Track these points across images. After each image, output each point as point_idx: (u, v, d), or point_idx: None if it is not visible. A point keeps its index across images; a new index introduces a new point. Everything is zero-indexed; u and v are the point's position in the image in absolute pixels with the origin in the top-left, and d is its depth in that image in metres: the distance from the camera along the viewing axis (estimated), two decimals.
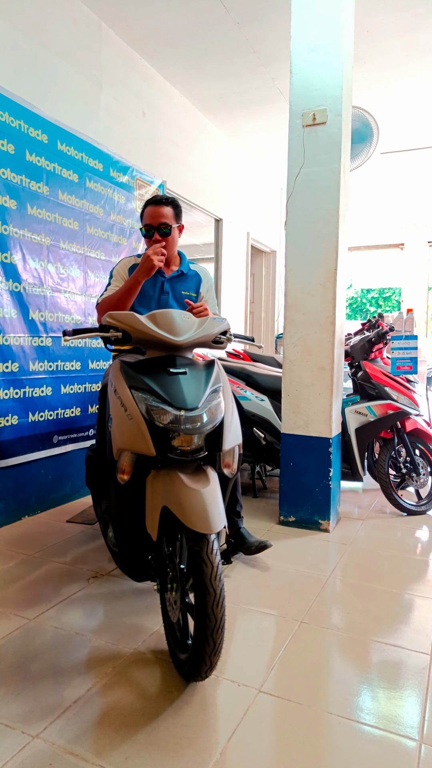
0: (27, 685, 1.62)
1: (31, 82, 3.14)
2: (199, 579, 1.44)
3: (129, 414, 1.58)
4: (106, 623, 1.99)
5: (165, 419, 1.54)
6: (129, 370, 1.68)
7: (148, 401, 1.57)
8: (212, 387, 1.65)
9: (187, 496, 1.47)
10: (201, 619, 1.44)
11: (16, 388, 3.05)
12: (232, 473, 1.71)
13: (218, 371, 1.76)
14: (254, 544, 2.51)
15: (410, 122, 5.18)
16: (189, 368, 1.67)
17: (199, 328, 1.72)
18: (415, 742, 1.43)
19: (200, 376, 1.67)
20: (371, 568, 2.53)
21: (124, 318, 1.67)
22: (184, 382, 1.61)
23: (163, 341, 1.65)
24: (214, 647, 1.46)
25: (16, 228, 3.01)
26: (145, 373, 1.65)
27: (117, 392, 1.65)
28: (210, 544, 1.46)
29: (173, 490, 1.51)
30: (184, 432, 1.53)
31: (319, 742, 1.42)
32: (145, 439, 1.54)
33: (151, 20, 3.66)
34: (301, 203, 2.99)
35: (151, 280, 2.36)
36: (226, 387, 1.73)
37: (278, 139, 5.51)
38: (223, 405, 1.64)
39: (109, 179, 3.75)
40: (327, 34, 2.87)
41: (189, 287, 2.45)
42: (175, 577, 1.63)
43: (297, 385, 3.05)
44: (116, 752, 1.37)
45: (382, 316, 3.75)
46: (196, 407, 1.56)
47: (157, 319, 1.68)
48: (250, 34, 3.79)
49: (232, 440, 1.65)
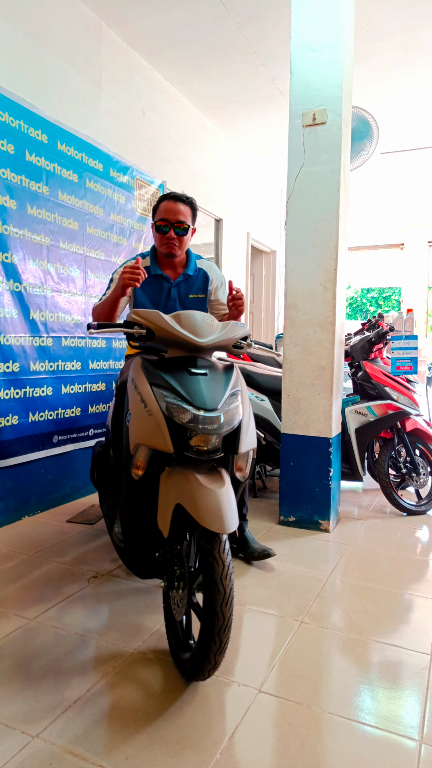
0: (27, 685, 1.62)
1: (31, 82, 3.14)
2: (210, 577, 1.45)
3: (149, 410, 1.59)
4: (106, 623, 1.99)
5: (184, 418, 1.55)
6: (150, 367, 1.70)
7: (169, 399, 1.58)
8: (231, 390, 1.67)
9: (202, 495, 1.48)
10: (209, 617, 1.45)
11: (16, 388, 3.05)
12: (244, 477, 1.73)
13: (237, 375, 1.77)
14: (257, 550, 2.51)
15: (410, 122, 5.18)
16: (209, 370, 1.69)
17: (222, 332, 1.74)
18: (415, 742, 1.43)
19: (220, 379, 1.68)
20: (371, 568, 2.53)
21: (150, 316, 1.69)
22: (204, 383, 1.63)
23: (186, 341, 1.67)
24: (220, 646, 1.47)
25: (16, 228, 3.01)
26: (166, 372, 1.67)
27: (137, 388, 1.66)
28: (222, 544, 1.47)
29: (188, 488, 1.52)
30: (201, 432, 1.54)
31: (319, 742, 1.42)
32: (164, 436, 1.56)
33: (151, 20, 3.66)
34: (301, 203, 2.99)
35: (157, 287, 2.31)
36: (244, 391, 1.74)
37: (278, 139, 5.51)
38: (241, 409, 1.66)
39: (109, 179, 3.75)
40: (327, 34, 2.87)
41: (197, 289, 2.38)
42: (182, 575, 1.64)
43: (297, 385, 3.05)
44: (117, 752, 1.37)
45: (382, 316, 3.75)
46: (215, 408, 1.57)
47: (182, 320, 1.70)
48: (250, 33, 3.79)
49: (248, 444, 1.67)
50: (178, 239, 2.25)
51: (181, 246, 2.28)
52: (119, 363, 3.90)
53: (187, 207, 2.26)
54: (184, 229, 2.25)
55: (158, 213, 2.28)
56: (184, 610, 1.65)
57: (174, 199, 2.25)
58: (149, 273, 2.31)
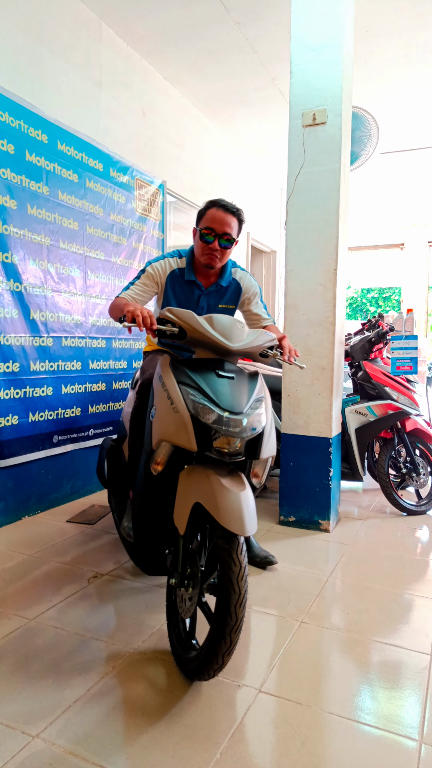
0: (27, 685, 1.62)
1: (30, 82, 3.14)
2: (226, 577, 1.46)
3: (175, 407, 1.60)
4: (106, 623, 1.99)
5: (210, 418, 1.56)
6: (178, 365, 1.72)
7: (195, 398, 1.60)
8: (256, 396, 1.69)
9: (224, 496, 1.50)
10: (222, 617, 1.46)
11: (16, 388, 3.05)
12: (260, 484, 1.74)
13: (262, 383, 1.79)
14: (260, 556, 2.51)
15: (410, 122, 5.18)
16: (236, 374, 1.71)
17: (251, 338, 1.76)
18: (415, 742, 1.43)
19: (246, 384, 1.70)
20: (371, 568, 2.53)
21: (184, 315, 1.71)
22: (231, 386, 1.64)
23: (217, 344, 1.69)
24: (230, 646, 1.48)
25: (16, 228, 3.01)
26: (194, 371, 1.68)
27: (165, 385, 1.68)
28: (240, 545, 1.49)
29: (209, 487, 1.53)
30: (225, 433, 1.56)
31: (319, 742, 1.42)
32: (189, 433, 1.57)
33: (151, 20, 3.66)
34: (301, 203, 2.99)
35: (187, 292, 2.24)
36: (267, 399, 1.76)
37: (278, 139, 5.51)
38: (265, 416, 1.67)
39: (108, 179, 3.75)
40: (327, 34, 2.87)
41: (227, 300, 2.30)
42: (194, 574, 1.64)
43: (297, 384, 3.05)
44: (117, 752, 1.37)
45: (382, 316, 3.75)
46: (240, 412, 1.59)
47: (214, 323, 1.72)
48: (250, 34, 3.79)
49: (268, 451, 1.68)
50: (221, 251, 2.14)
51: (222, 258, 2.17)
52: (119, 363, 3.90)
53: (235, 219, 2.15)
54: (230, 242, 2.14)
55: (205, 220, 2.13)
56: (192, 609, 1.65)
57: (224, 209, 2.12)
58: (182, 276, 2.23)
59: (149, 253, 4.22)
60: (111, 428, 3.82)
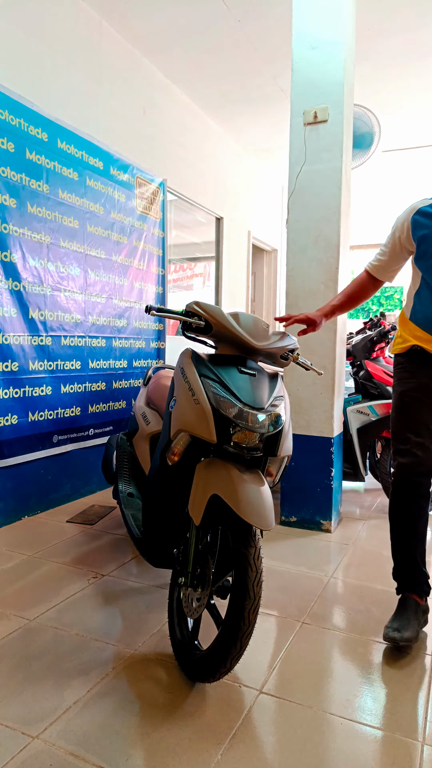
0: (27, 686, 1.62)
1: (31, 80, 3.13)
2: (243, 582, 1.46)
3: (196, 398, 1.60)
4: (106, 624, 1.98)
5: (231, 411, 1.57)
6: (201, 359, 1.72)
7: (217, 391, 1.60)
8: (276, 394, 1.69)
9: (244, 490, 1.49)
10: (235, 620, 1.45)
11: (15, 388, 3.04)
12: (273, 483, 1.74)
13: (281, 384, 1.80)
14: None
15: (412, 120, 5.16)
16: (258, 372, 1.71)
17: (275, 339, 1.77)
18: (416, 743, 1.42)
19: (266, 382, 1.71)
20: (373, 569, 2.52)
21: (212, 310, 1.71)
22: (253, 382, 1.65)
23: (243, 341, 1.69)
24: (240, 650, 1.48)
25: (15, 226, 3.00)
26: (216, 366, 1.69)
27: (186, 377, 1.68)
28: (257, 550, 1.50)
29: (228, 480, 1.53)
30: (245, 428, 1.56)
31: (320, 743, 1.41)
32: (209, 425, 1.57)
33: (151, 18, 3.64)
34: (303, 201, 2.98)
35: None
36: (286, 399, 1.77)
37: (279, 137, 5.49)
38: (284, 416, 1.68)
39: (109, 177, 3.74)
40: (328, 32, 2.86)
41: None
42: (204, 575, 1.63)
43: (298, 384, 3.04)
44: (117, 753, 1.36)
45: (384, 315, 3.74)
46: (261, 408, 1.59)
47: (240, 320, 1.73)
48: (251, 31, 3.77)
49: (285, 450, 1.69)
50: None
51: None
52: (119, 362, 3.89)
53: None
54: None
55: None
56: (200, 611, 1.64)
57: None
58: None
59: (149, 251, 4.21)
60: (111, 428, 3.81)
